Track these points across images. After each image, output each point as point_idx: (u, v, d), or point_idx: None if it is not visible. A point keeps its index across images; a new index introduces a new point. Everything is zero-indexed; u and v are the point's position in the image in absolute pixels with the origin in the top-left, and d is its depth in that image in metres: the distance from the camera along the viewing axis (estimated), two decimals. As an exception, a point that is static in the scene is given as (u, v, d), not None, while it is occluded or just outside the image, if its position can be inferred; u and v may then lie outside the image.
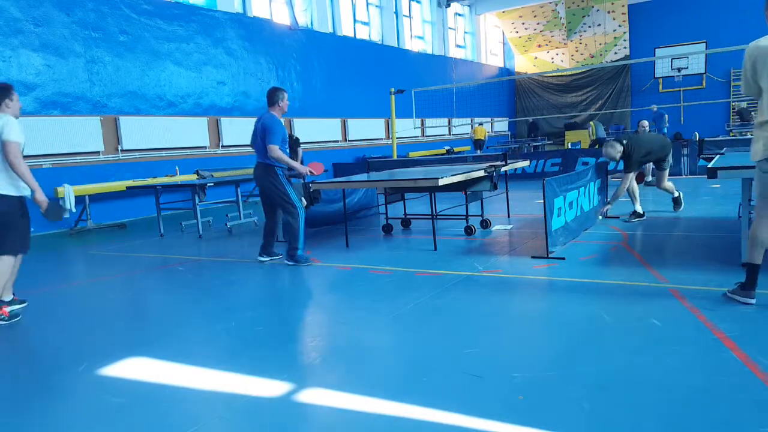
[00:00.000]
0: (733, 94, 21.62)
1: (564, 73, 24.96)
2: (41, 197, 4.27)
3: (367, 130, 17.37)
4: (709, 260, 4.76)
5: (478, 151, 18.30)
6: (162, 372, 3.12)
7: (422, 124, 19.57)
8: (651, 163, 7.58)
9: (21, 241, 4.33)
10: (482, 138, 19.14)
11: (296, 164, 5.67)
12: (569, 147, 19.28)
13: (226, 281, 5.26)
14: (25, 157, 4.30)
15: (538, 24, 25.18)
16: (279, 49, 14.29)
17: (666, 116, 18.45)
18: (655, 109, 18.79)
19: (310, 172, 5.86)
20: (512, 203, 8.67)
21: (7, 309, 4.35)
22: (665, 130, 18.22)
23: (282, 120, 5.87)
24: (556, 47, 25.24)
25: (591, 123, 18.27)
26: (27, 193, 4.28)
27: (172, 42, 11.66)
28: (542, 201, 5.17)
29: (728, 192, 8.82)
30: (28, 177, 4.17)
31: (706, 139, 11.75)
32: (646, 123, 10.62)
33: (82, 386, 3.02)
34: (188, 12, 12.02)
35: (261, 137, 5.56)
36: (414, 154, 17.65)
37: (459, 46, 23.28)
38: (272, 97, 5.66)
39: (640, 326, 3.30)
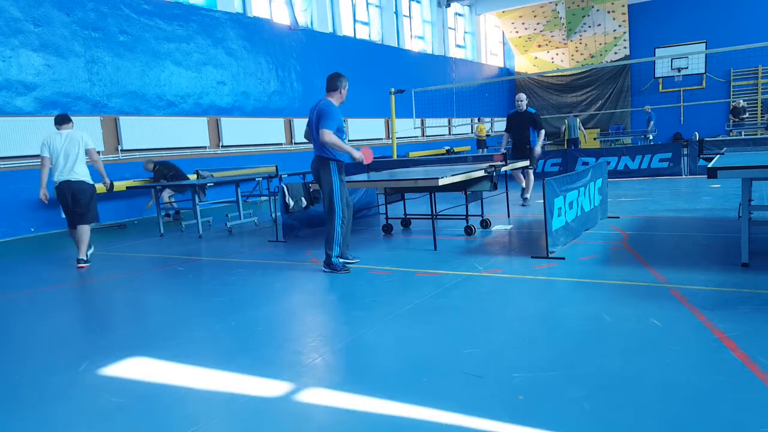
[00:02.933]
0: (732, 94, 21.63)
1: (564, 73, 24.95)
2: (107, 180, 6.71)
3: (367, 130, 17.36)
4: (709, 260, 4.76)
5: (484, 150, 18.17)
6: (162, 372, 3.12)
7: (422, 124, 19.57)
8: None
9: (96, 213, 6.64)
10: (483, 136, 19.05)
11: (351, 149, 5.17)
12: (569, 147, 19.29)
13: (226, 281, 5.26)
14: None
15: (538, 24, 25.18)
16: (279, 49, 14.28)
17: (651, 121, 18.66)
18: (648, 110, 18.95)
19: (362, 158, 5.31)
20: (512, 203, 8.67)
21: (85, 265, 6.46)
22: (651, 133, 18.35)
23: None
24: (556, 47, 25.24)
25: (565, 120, 17.95)
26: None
27: (172, 42, 11.66)
28: (542, 201, 5.17)
29: (728, 192, 8.82)
30: (103, 169, 6.56)
31: (706, 139, 11.74)
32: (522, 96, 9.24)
33: (82, 386, 3.02)
34: (188, 12, 12.02)
35: (316, 126, 5.10)
36: (414, 154, 17.65)
37: (459, 46, 23.27)
38: (332, 82, 5.15)
39: (640, 326, 3.30)
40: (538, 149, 8.71)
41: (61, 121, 6.50)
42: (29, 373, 3.29)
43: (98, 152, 6.74)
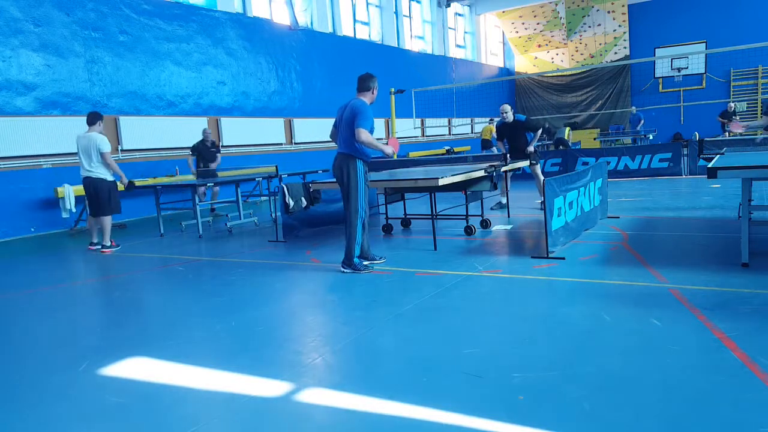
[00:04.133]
0: (732, 94, 21.62)
1: (564, 73, 24.94)
2: (125, 179, 7.54)
3: (367, 130, 17.34)
4: (709, 260, 4.76)
5: (495, 150, 18.09)
6: (162, 372, 3.12)
7: (422, 124, 19.56)
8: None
9: (117, 206, 7.40)
10: (489, 138, 18.88)
11: (383, 146, 5.15)
12: (569, 147, 19.27)
13: (226, 281, 5.26)
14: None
15: (538, 24, 25.18)
16: (279, 49, 14.28)
17: (642, 120, 18.65)
18: (634, 111, 18.96)
19: (393, 153, 5.34)
20: (512, 203, 8.67)
21: (108, 250, 7.42)
22: (651, 133, 18.38)
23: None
24: (556, 47, 25.24)
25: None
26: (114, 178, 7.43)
27: (172, 42, 11.66)
28: (542, 201, 5.17)
29: (728, 192, 8.82)
30: (118, 170, 7.36)
31: (706, 139, 11.74)
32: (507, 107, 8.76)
33: (82, 386, 3.02)
34: (188, 12, 12.02)
35: (347, 123, 5.04)
36: (414, 154, 17.64)
37: (459, 46, 23.27)
38: (365, 82, 5.12)
39: (640, 326, 3.30)
40: (531, 149, 8.46)
41: (88, 121, 7.33)
42: (29, 373, 3.29)
43: (101, 153, 7.31)
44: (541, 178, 8.79)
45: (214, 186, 9.78)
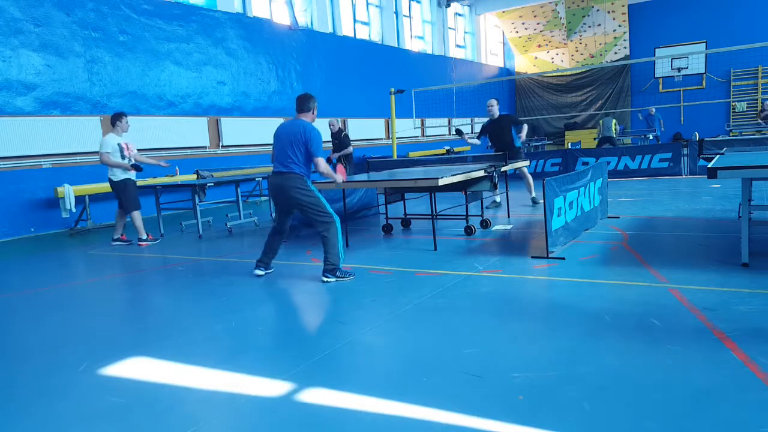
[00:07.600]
0: (732, 95, 21.62)
1: (564, 73, 24.93)
2: (154, 161, 8.14)
3: (367, 130, 17.36)
4: (709, 260, 4.76)
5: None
6: (162, 372, 3.12)
7: (422, 124, 19.56)
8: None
9: (134, 201, 7.68)
10: None
11: (335, 174, 5.22)
12: (569, 147, 19.25)
13: (226, 281, 5.26)
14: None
15: (538, 24, 25.17)
16: (279, 49, 14.28)
17: (660, 120, 18.37)
18: (652, 111, 18.78)
19: (341, 181, 5.44)
20: (512, 203, 8.67)
21: (144, 243, 7.75)
22: (658, 133, 18.14)
23: None
24: (556, 47, 25.23)
25: (600, 121, 17.62)
26: (132, 176, 7.72)
27: (172, 42, 11.66)
28: (542, 201, 5.17)
29: (728, 192, 8.82)
30: (118, 164, 7.50)
31: (706, 139, 11.74)
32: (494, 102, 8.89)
33: (82, 386, 3.02)
34: (188, 12, 12.02)
35: (297, 144, 4.93)
36: (414, 154, 17.64)
37: (459, 46, 23.26)
38: (307, 102, 5.12)
39: (640, 326, 3.30)
40: (523, 135, 8.76)
41: (111, 123, 7.66)
42: (29, 373, 3.29)
43: (106, 153, 7.63)
44: (529, 176, 9.01)
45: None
